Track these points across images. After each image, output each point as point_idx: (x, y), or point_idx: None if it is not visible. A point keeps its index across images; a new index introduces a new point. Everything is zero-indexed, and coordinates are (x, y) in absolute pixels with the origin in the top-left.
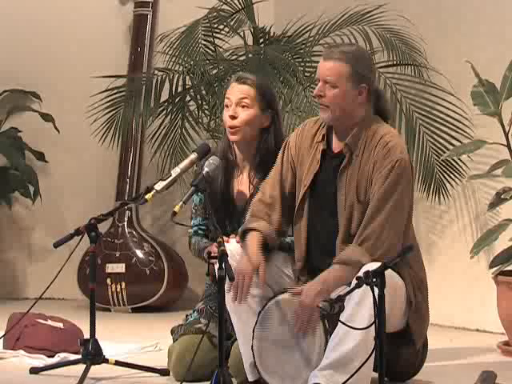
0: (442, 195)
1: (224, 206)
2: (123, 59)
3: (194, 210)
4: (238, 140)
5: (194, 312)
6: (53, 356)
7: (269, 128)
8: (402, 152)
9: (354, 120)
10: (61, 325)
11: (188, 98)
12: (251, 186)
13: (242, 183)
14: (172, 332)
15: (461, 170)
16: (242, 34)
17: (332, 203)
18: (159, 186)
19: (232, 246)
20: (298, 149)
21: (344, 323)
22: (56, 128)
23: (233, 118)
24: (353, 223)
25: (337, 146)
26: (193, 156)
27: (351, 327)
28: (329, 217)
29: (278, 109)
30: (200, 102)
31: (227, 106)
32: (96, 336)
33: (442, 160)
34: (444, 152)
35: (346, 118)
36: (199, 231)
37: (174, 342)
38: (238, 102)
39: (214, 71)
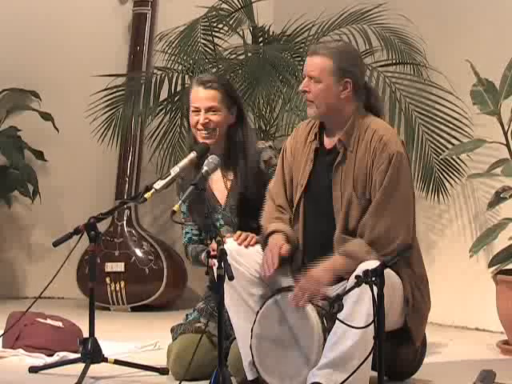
0: (441, 194)
1: (207, 208)
2: (122, 58)
3: (183, 219)
4: (213, 144)
5: (194, 311)
6: (52, 355)
7: (235, 124)
8: (397, 144)
9: (343, 116)
10: (60, 324)
11: None
12: (228, 182)
13: (217, 182)
14: (172, 331)
15: (460, 169)
16: (241, 32)
17: (327, 200)
18: (158, 185)
19: (231, 245)
20: (294, 152)
21: (342, 322)
22: (55, 127)
23: (205, 124)
24: (350, 219)
25: (329, 142)
26: (192, 155)
27: (350, 326)
28: (324, 214)
29: (241, 103)
30: None
31: (195, 111)
32: (95, 335)
33: (442, 159)
34: (443, 151)
35: (332, 113)
36: (193, 237)
37: (173, 340)
38: (208, 109)
39: (214, 70)
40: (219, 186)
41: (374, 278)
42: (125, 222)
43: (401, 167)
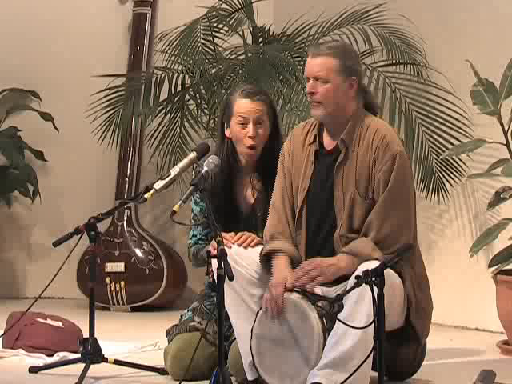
0: (441, 194)
1: (230, 212)
2: (122, 58)
3: (193, 221)
4: (254, 155)
5: (188, 311)
6: (52, 355)
7: (271, 134)
8: (399, 144)
9: (346, 115)
10: (60, 324)
11: (187, 97)
12: (255, 193)
13: (247, 187)
14: (167, 334)
15: (460, 169)
16: (241, 33)
17: (329, 201)
18: (158, 185)
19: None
20: (292, 157)
21: (343, 322)
22: (55, 127)
23: (253, 138)
24: (354, 219)
25: (330, 143)
26: (192, 155)
27: (350, 326)
28: (326, 215)
29: (277, 114)
30: (199, 101)
31: (242, 124)
32: (95, 335)
33: (442, 159)
34: (443, 151)
35: (338, 113)
36: (200, 241)
37: (169, 343)
38: (256, 121)
39: (214, 70)
40: (248, 192)
41: (374, 278)
42: (125, 222)
43: (405, 167)
